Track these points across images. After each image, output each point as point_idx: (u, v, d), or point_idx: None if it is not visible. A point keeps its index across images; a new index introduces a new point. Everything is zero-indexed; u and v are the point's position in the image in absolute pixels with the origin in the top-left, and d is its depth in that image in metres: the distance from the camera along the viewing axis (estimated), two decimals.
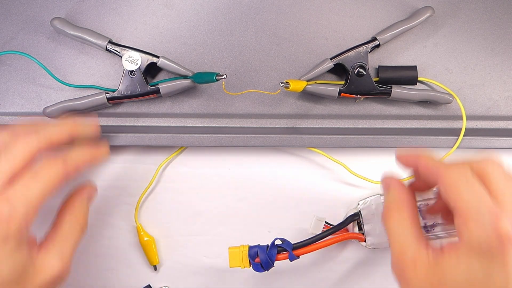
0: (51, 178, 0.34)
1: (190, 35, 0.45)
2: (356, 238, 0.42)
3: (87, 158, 0.37)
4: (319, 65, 0.43)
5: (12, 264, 0.32)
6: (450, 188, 0.30)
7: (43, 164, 0.34)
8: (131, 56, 0.42)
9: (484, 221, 0.29)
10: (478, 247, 0.29)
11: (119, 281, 0.45)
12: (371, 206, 0.42)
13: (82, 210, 0.38)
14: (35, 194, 0.33)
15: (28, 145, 0.33)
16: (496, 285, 0.28)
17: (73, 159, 0.36)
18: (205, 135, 0.42)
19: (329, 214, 0.44)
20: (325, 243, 0.40)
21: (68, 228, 0.37)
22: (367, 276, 0.45)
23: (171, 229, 0.45)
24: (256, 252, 0.40)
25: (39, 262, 0.34)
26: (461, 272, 0.29)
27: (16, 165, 0.33)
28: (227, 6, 0.45)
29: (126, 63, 0.42)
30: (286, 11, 0.45)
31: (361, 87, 0.43)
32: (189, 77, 0.42)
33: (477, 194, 0.30)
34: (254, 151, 0.45)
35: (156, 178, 0.45)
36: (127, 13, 0.44)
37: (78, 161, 0.36)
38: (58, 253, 0.35)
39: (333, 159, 0.44)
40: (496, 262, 0.28)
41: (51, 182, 0.34)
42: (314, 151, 0.44)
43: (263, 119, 0.45)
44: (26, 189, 0.32)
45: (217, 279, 0.45)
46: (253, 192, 0.45)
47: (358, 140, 0.42)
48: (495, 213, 0.28)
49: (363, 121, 0.45)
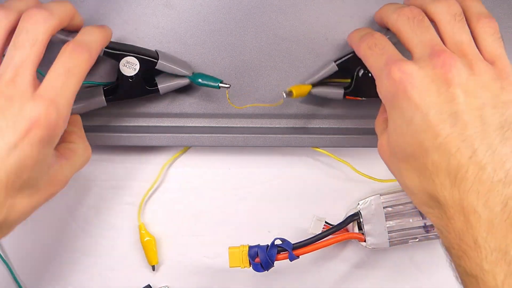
0: (82, 71, 0.33)
1: (190, 35, 0.45)
2: (356, 238, 0.42)
3: (104, 41, 0.37)
4: (323, 68, 0.42)
5: (41, 168, 0.32)
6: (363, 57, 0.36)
7: (72, 55, 0.33)
8: (128, 62, 0.41)
9: (382, 77, 0.32)
10: (387, 102, 0.32)
11: (119, 281, 0.45)
12: (371, 206, 0.42)
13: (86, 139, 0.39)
14: (72, 92, 0.32)
15: (48, 27, 0.32)
16: (414, 121, 0.30)
17: (94, 45, 0.35)
18: (205, 135, 0.42)
19: (329, 214, 0.44)
20: (325, 243, 0.40)
21: (81, 156, 0.37)
22: (367, 276, 0.45)
23: (170, 229, 0.45)
24: (256, 252, 0.40)
25: (52, 173, 0.34)
26: (390, 128, 0.33)
27: (41, 51, 0.32)
28: (227, 6, 0.45)
29: (124, 69, 0.41)
30: (286, 11, 0.45)
31: (366, 89, 0.42)
32: (189, 77, 0.42)
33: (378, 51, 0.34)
34: (254, 151, 0.45)
35: (156, 178, 0.45)
36: (127, 13, 0.44)
37: (98, 47, 0.36)
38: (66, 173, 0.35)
39: (338, 158, 0.44)
40: (403, 103, 0.31)
41: (83, 75, 0.33)
42: (316, 151, 0.44)
43: (263, 119, 0.45)
44: (66, 88, 0.32)
45: (217, 279, 0.45)
46: (253, 192, 0.45)
47: (361, 139, 0.42)
48: (388, 64, 0.32)
49: (366, 121, 0.45)
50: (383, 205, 0.42)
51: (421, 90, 0.30)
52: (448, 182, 0.29)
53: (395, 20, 0.34)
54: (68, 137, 0.38)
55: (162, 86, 0.42)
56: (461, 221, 0.29)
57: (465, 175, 0.29)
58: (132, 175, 0.45)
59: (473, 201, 0.29)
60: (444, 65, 0.30)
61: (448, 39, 0.32)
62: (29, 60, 0.31)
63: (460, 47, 0.32)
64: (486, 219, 0.28)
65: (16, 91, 0.30)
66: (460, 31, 0.32)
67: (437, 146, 0.29)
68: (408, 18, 0.33)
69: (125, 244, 0.45)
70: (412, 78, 0.30)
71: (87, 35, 0.35)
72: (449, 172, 0.29)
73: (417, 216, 0.42)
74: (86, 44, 0.34)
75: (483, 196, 0.28)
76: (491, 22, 0.33)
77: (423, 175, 0.31)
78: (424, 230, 0.42)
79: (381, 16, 0.37)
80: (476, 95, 0.30)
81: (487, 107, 0.30)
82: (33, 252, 0.45)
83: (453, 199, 0.29)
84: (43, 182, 0.33)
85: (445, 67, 0.30)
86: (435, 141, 0.30)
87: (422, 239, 0.42)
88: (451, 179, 0.29)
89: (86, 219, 0.45)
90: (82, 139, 0.39)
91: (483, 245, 0.28)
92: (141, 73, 0.41)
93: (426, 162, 0.30)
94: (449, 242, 0.30)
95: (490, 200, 0.28)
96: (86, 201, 0.45)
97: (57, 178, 0.35)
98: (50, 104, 0.31)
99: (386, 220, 0.42)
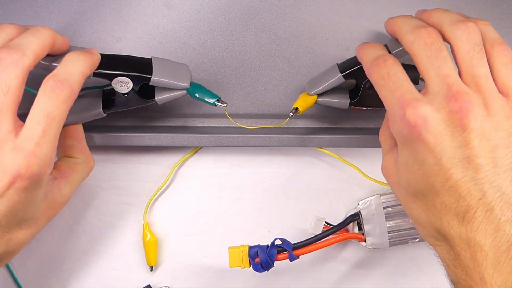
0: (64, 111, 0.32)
1: (190, 35, 0.45)
2: (356, 238, 0.42)
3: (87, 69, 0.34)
4: (329, 79, 0.40)
5: (35, 207, 0.33)
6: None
7: (51, 95, 0.31)
8: (120, 81, 0.38)
9: (395, 116, 0.31)
10: (400, 139, 0.32)
11: (119, 281, 0.45)
12: (371, 206, 0.42)
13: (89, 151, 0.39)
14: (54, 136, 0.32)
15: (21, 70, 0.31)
16: (427, 163, 0.30)
17: (77, 77, 0.33)
18: (205, 135, 0.42)
19: (329, 214, 0.44)
20: (325, 243, 0.40)
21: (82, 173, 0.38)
22: (367, 276, 0.45)
23: (170, 229, 0.45)
24: (256, 252, 0.40)
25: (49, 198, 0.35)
26: (401, 163, 0.32)
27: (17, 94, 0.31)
28: (227, 6, 0.45)
29: (117, 87, 0.38)
30: (286, 11, 0.45)
31: (373, 100, 0.41)
32: (186, 90, 0.39)
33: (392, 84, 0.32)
34: (254, 151, 0.45)
35: (157, 179, 0.45)
36: (127, 13, 0.44)
37: (81, 77, 0.33)
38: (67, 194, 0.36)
39: (343, 160, 0.44)
40: (417, 146, 0.30)
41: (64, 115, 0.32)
42: (316, 151, 0.44)
43: (264, 119, 0.45)
44: (46, 136, 0.31)
45: (217, 279, 0.45)
46: (253, 192, 0.45)
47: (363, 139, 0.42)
48: (402, 106, 0.31)
49: (368, 121, 0.45)
50: (383, 205, 0.42)
51: (435, 134, 0.30)
52: (456, 222, 0.30)
53: (411, 42, 0.33)
54: (68, 151, 0.38)
55: (159, 98, 0.40)
56: (468, 258, 0.29)
57: (473, 216, 0.29)
58: (132, 175, 0.45)
59: (480, 240, 0.29)
60: (461, 110, 0.30)
61: (465, 71, 0.31)
62: (4, 109, 0.30)
63: (477, 82, 0.31)
64: (492, 257, 0.29)
65: None
66: (479, 64, 0.31)
67: (447, 188, 0.30)
68: (425, 44, 0.32)
69: (126, 244, 0.45)
70: (427, 122, 0.30)
71: (69, 66, 0.33)
72: (457, 213, 0.30)
73: None
74: (66, 79, 0.32)
75: (490, 235, 0.29)
76: (505, 50, 0.32)
77: (431, 212, 0.31)
78: None
79: (394, 30, 0.36)
80: (490, 137, 0.30)
81: (499, 148, 0.30)
82: (33, 252, 0.45)
83: (460, 237, 0.30)
84: (40, 212, 0.34)
85: (462, 112, 0.30)
86: (446, 184, 0.30)
87: (422, 239, 0.42)
88: (459, 219, 0.30)
89: (86, 219, 0.45)
90: (83, 152, 0.38)
91: (490, 281, 0.29)
92: (136, 88, 0.38)
93: (435, 202, 0.30)
94: (455, 276, 0.31)
95: (496, 239, 0.29)
96: (86, 201, 0.45)
97: (56, 201, 0.35)
98: (30, 156, 0.30)
99: (386, 220, 0.42)
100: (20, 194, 0.31)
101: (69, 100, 0.32)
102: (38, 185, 0.32)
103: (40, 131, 0.31)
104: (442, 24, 0.33)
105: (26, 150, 0.30)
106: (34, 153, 0.30)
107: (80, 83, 0.33)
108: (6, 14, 0.45)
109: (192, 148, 0.45)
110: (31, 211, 0.33)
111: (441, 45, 0.32)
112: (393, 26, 0.36)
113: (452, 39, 0.32)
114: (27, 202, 0.32)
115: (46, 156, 0.31)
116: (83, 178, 0.38)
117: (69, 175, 0.36)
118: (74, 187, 0.37)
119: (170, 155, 0.45)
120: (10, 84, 0.30)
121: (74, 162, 0.37)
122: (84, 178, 0.38)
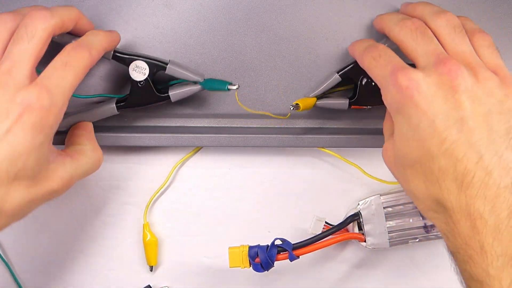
0: (81, 67, 0.33)
1: (190, 35, 0.45)
2: (356, 238, 0.42)
3: (107, 44, 0.37)
4: (326, 80, 0.42)
5: (37, 158, 0.31)
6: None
7: (70, 52, 0.33)
8: (138, 66, 0.40)
9: (388, 85, 0.33)
10: (394, 108, 0.33)
11: (119, 281, 0.45)
12: (371, 206, 0.42)
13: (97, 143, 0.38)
14: (68, 84, 0.32)
15: (47, 25, 0.33)
16: (421, 126, 0.30)
17: (96, 45, 0.35)
18: (205, 135, 0.42)
19: (329, 214, 0.44)
20: (325, 243, 0.40)
21: (89, 157, 0.37)
22: (367, 276, 0.45)
23: (170, 229, 0.45)
24: (256, 252, 0.40)
25: (51, 169, 0.33)
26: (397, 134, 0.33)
27: (40, 46, 0.32)
28: (227, 6, 0.45)
29: (133, 73, 0.40)
30: (286, 11, 0.45)
31: (371, 97, 0.41)
32: (200, 83, 0.41)
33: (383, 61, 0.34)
34: (254, 151, 0.45)
35: (157, 179, 0.45)
36: (127, 13, 0.44)
37: (100, 48, 0.36)
38: (69, 171, 0.34)
39: (346, 160, 0.44)
40: (410, 110, 0.31)
41: (81, 71, 0.33)
42: (316, 151, 0.44)
43: (264, 119, 0.45)
44: (61, 79, 0.32)
45: (217, 279, 0.45)
46: (253, 192, 0.45)
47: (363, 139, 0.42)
48: (394, 73, 0.32)
49: (369, 121, 0.45)
50: (383, 205, 0.42)
51: (427, 97, 0.30)
52: (454, 187, 0.30)
53: (397, 32, 0.35)
54: (76, 140, 0.38)
55: (173, 93, 0.41)
56: (467, 227, 0.29)
57: (471, 180, 0.29)
58: (132, 175, 0.45)
59: (479, 206, 0.29)
60: (450, 72, 0.30)
61: (450, 49, 0.33)
62: (26, 53, 0.32)
63: (463, 56, 0.32)
64: (492, 225, 0.28)
65: (11, 80, 0.31)
66: (462, 41, 0.33)
67: (443, 151, 0.30)
68: (411, 30, 0.34)
69: (126, 244, 0.45)
70: (419, 85, 0.31)
71: (90, 36, 0.36)
72: (455, 177, 0.29)
73: (417, 216, 0.42)
74: (86, 44, 0.34)
75: (489, 202, 0.29)
76: (485, 36, 0.34)
77: (429, 180, 0.31)
78: (424, 230, 0.42)
79: (382, 26, 0.38)
80: (482, 102, 0.30)
81: (493, 113, 0.30)
82: (33, 252, 0.45)
83: (459, 204, 0.29)
84: (40, 175, 0.33)
85: (451, 74, 0.30)
86: (442, 147, 0.30)
87: (422, 239, 0.42)
88: (457, 184, 0.29)
89: (87, 219, 0.45)
90: (90, 140, 0.38)
91: (490, 250, 0.28)
92: (151, 78, 0.40)
93: (433, 168, 0.30)
94: (454, 247, 0.30)
95: (496, 206, 0.29)
96: (86, 201, 0.45)
97: (57, 174, 0.34)
98: (43, 90, 0.31)
99: (386, 220, 0.42)
100: (26, 132, 0.30)
101: (87, 60, 0.34)
102: (44, 128, 0.31)
103: (58, 73, 0.32)
104: (425, 16, 0.35)
105: (41, 84, 0.31)
106: (47, 88, 0.31)
107: (98, 51, 0.35)
108: None
109: (192, 148, 0.45)
110: (31, 165, 0.31)
111: (425, 29, 0.34)
112: (381, 22, 0.38)
113: (435, 28, 0.34)
114: (30, 147, 0.30)
115: (58, 97, 0.31)
116: (89, 166, 0.37)
117: (75, 157, 0.36)
118: (79, 171, 0.36)
119: (170, 155, 0.45)
120: (35, 33, 0.32)
121: (81, 148, 0.37)
122: (91, 169, 0.37)
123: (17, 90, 0.31)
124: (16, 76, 0.31)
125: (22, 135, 0.30)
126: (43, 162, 0.33)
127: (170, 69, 0.41)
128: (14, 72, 0.31)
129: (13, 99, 0.30)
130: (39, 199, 0.33)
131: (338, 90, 0.44)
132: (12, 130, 0.30)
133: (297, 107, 0.40)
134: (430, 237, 0.42)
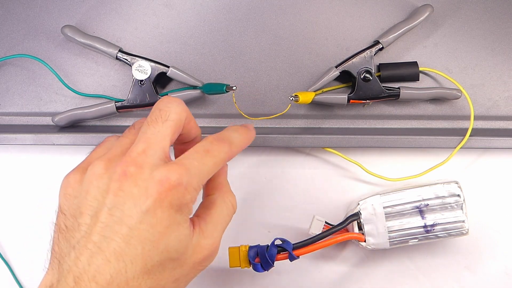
0: (220, 157, 0.33)
1: (190, 35, 0.45)
2: (356, 238, 0.42)
3: (245, 143, 0.36)
4: (325, 75, 0.43)
5: (179, 237, 0.30)
6: None
7: (213, 142, 0.33)
8: (141, 66, 0.42)
9: None
10: None
11: None
12: (371, 206, 0.42)
13: (229, 188, 0.37)
14: (206, 170, 0.32)
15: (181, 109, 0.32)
16: None
17: (236, 142, 0.35)
18: (205, 136, 0.42)
19: (329, 214, 0.44)
20: (325, 243, 0.40)
21: (221, 210, 0.35)
22: (367, 276, 0.45)
23: None
24: (256, 252, 0.40)
25: (194, 241, 0.32)
26: None
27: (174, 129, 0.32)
28: (227, 6, 0.45)
29: (136, 73, 0.42)
30: (286, 11, 0.45)
31: (369, 92, 0.42)
32: (199, 87, 0.43)
33: None
34: (254, 151, 0.45)
35: None
36: (127, 13, 0.44)
37: (239, 145, 0.35)
38: (211, 235, 0.33)
39: (348, 158, 0.44)
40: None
41: (220, 161, 0.33)
42: (316, 151, 0.44)
43: (264, 119, 0.45)
44: (202, 164, 0.31)
45: (217, 279, 0.45)
46: (253, 192, 0.45)
47: (363, 139, 0.42)
48: None
49: (369, 121, 0.45)
50: (383, 205, 0.42)
51: None
52: None
53: None
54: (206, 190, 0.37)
55: (173, 95, 0.42)
56: None
57: None
58: None
59: None
60: None
61: None
62: (159, 135, 0.31)
63: None
64: None
65: (147, 160, 0.30)
66: None
67: None
68: None
69: None
70: None
71: (232, 132, 0.36)
72: None
73: (417, 216, 0.42)
74: (228, 139, 0.34)
75: None
76: None
77: None
78: (424, 230, 0.42)
79: None
80: None
81: None
82: (33, 252, 0.45)
83: None
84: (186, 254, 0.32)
85: None
86: None
87: (422, 239, 0.42)
88: None
89: None
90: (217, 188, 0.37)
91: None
92: (153, 79, 0.42)
93: None
94: None
95: None
96: None
97: (201, 244, 0.32)
98: (182, 168, 0.30)
99: (386, 220, 0.42)
100: (164, 210, 0.29)
101: (226, 154, 0.33)
102: (182, 206, 0.30)
103: (198, 158, 0.31)
104: None
105: (179, 163, 0.31)
106: (186, 167, 0.30)
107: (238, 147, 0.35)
108: (6, 14, 0.45)
109: None
110: (174, 244, 0.30)
111: None
112: None
113: None
114: (171, 226, 0.30)
115: (195, 179, 0.31)
116: (224, 214, 0.35)
117: (205, 214, 0.34)
118: (217, 227, 0.34)
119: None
120: (169, 116, 0.32)
121: (210, 199, 0.36)
122: (227, 216, 0.35)
123: (154, 169, 0.30)
124: (151, 157, 0.30)
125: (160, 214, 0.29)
126: (187, 238, 0.31)
127: (172, 72, 0.42)
128: (150, 153, 0.30)
129: (151, 177, 0.29)
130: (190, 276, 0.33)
131: (337, 88, 0.44)
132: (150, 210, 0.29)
133: (296, 98, 0.41)
134: (430, 237, 0.42)
